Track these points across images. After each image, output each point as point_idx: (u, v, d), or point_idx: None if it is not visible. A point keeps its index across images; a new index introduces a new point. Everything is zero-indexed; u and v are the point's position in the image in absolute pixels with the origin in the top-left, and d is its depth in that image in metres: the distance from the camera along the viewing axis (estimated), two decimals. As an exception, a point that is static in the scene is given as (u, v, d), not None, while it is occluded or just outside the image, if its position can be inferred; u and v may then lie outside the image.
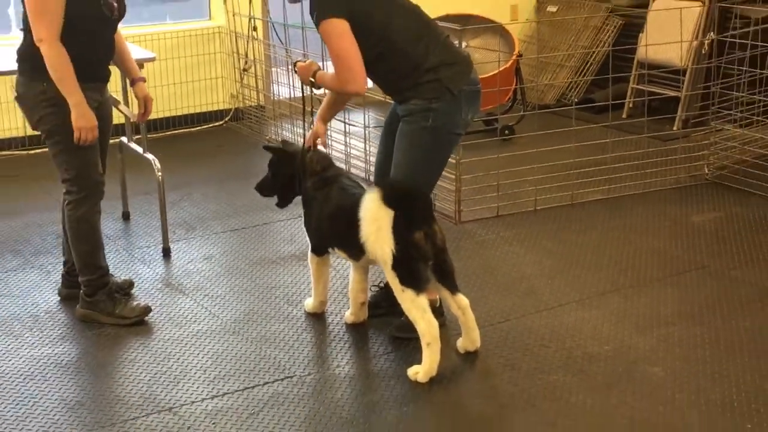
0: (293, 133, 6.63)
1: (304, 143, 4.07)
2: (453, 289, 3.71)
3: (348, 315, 4.06)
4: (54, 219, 5.16)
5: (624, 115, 7.03)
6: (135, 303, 4.16)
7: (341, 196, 3.81)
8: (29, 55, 3.85)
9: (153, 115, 6.59)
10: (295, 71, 4.00)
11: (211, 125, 7.10)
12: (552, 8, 7.96)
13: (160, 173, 4.79)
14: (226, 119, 7.18)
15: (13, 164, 6.35)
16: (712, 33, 6.38)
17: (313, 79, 3.88)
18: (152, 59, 4.75)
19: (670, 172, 5.81)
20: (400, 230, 3.53)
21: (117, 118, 5.34)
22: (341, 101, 4.19)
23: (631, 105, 7.14)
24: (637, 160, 5.80)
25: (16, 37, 6.93)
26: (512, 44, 6.73)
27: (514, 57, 6.62)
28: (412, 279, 3.55)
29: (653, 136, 6.27)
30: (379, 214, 3.56)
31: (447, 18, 6.64)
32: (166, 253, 4.81)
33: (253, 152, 6.53)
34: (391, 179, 3.79)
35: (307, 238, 4.05)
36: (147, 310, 4.12)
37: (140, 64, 4.70)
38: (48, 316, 4.18)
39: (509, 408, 3.43)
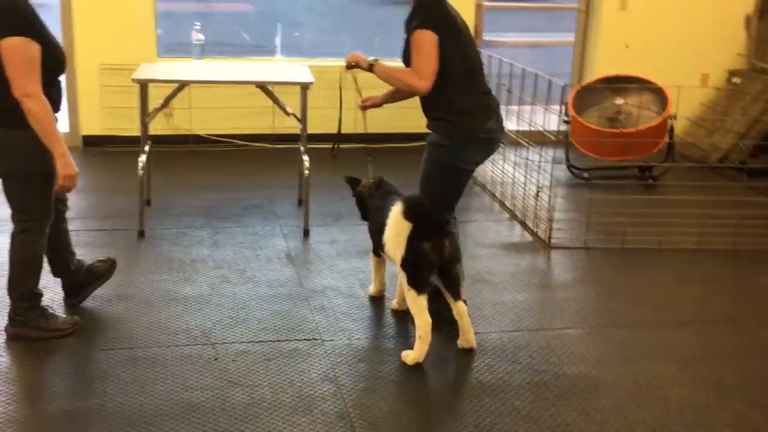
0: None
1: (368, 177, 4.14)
2: (456, 296, 3.66)
3: (394, 303, 4.10)
4: (259, 196, 5.59)
5: (773, 182, 6.36)
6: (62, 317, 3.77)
7: (381, 208, 3.87)
8: (8, 106, 3.30)
9: (381, 129, 6.85)
10: (348, 59, 3.94)
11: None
12: (737, 80, 7.33)
13: (307, 171, 5.02)
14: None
15: (257, 155, 6.80)
16: None
17: (372, 63, 3.86)
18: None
19: (770, 235, 5.23)
20: (412, 239, 3.56)
21: (294, 128, 5.49)
22: (398, 97, 4.08)
23: (783, 173, 6.45)
24: (746, 219, 5.27)
25: (279, 60, 7.37)
26: (667, 105, 6.30)
27: (663, 116, 6.20)
28: (415, 281, 3.56)
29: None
30: (400, 224, 3.60)
31: (615, 77, 6.41)
32: (306, 233, 5.02)
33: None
34: (412, 196, 3.79)
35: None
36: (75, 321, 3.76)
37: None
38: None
39: (470, 397, 3.36)
